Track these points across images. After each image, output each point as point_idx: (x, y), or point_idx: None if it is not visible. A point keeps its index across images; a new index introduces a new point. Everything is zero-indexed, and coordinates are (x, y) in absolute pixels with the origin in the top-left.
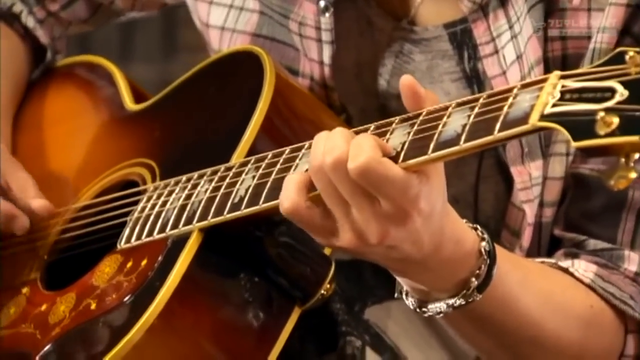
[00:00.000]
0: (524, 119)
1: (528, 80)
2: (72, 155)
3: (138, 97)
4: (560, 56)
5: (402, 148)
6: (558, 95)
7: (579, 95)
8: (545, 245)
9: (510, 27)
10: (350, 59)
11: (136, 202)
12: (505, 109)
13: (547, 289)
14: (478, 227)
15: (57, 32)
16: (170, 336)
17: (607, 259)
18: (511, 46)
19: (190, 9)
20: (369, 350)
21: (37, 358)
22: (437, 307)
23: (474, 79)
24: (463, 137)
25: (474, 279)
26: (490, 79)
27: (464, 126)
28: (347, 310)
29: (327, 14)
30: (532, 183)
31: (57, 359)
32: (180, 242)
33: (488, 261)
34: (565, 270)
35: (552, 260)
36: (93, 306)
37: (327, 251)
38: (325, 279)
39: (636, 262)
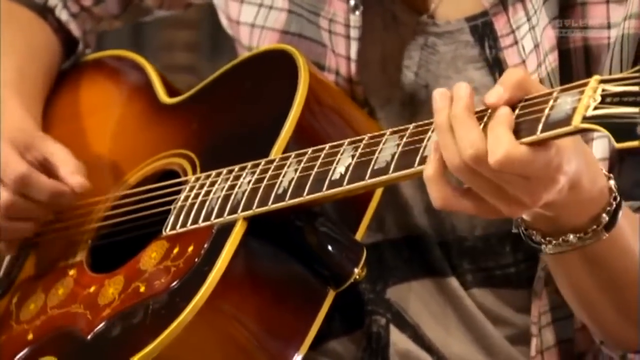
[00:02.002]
0: (566, 121)
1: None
2: (108, 146)
3: (170, 91)
4: (582, 47)
5: None
6: (599, 99)
7: (620, 98)
8: None
9: (528, 20)
10: (376, 52)
11: (178, 192)
12: (547, 111)
13: None
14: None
15: (88, 26)
16: (217, 318)
17: None
18: (529, 37)
19: (219, 8)
20: (392, 327)
21: (89, 337)
22: (566, 240)
23: (496, 67)
24: None
25: (605, 215)
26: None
27: None
28: (372, 289)
29: (357, 12)
30: None
31: (108, 338)
32: (225, 230)
33: (618, 198)
34: None
35: None
36: (142, 289)
37: (358, 237)
38: (358, 265)
39: None
